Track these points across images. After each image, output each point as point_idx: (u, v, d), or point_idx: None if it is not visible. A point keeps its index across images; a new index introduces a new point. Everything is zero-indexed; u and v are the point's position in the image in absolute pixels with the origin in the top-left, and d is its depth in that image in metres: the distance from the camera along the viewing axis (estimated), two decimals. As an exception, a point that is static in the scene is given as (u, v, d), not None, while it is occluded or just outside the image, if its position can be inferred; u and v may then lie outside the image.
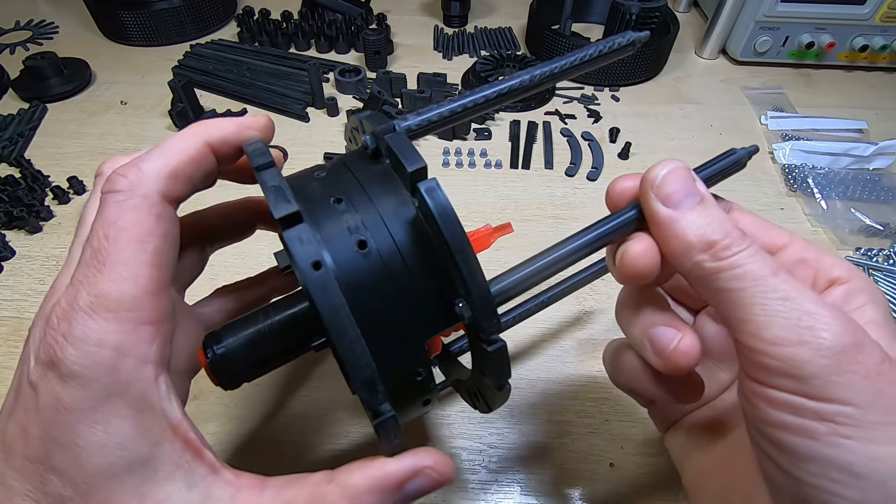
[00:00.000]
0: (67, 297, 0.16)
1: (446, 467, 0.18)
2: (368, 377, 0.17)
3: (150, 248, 0.17)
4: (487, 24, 0.74)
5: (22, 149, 0.53)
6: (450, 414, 0.35)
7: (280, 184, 0.17)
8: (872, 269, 0.43)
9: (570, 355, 0.38)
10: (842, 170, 0.52)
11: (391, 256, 0.19)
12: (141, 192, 0.17)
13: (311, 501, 0.17)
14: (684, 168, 0.18)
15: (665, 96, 0.63)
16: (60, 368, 0.15)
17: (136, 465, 0.16)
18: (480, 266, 0.18)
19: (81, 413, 0.15)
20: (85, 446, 0.15)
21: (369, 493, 0.17)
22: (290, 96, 0.60)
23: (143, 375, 0.16)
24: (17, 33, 0.71)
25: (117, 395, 0.15)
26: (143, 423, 0.16)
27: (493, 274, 0.20)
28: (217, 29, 0.72)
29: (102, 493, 0.15)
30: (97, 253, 0.16)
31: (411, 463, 0.18)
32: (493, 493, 0.31)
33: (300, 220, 0.16)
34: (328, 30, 0.68)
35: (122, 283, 0.16)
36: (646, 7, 0.59)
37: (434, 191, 0.17)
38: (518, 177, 0.52)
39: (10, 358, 0.36)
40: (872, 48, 0.63)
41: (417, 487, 0.18)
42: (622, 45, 0.24)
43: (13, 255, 0.43)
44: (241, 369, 0.20)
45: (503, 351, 0.19)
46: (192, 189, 0.19)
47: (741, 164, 0.23)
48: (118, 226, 0.16)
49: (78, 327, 0.15)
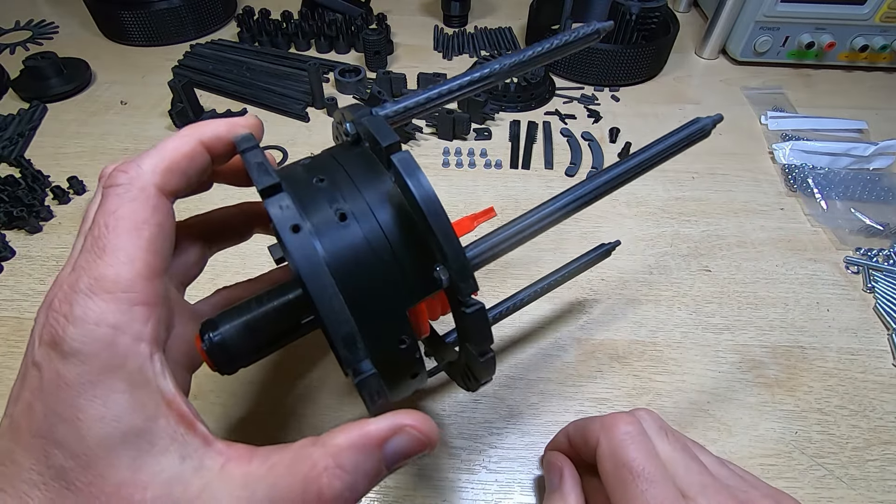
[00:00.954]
0: (69, 281, 0.17)
1: (428, 427, 0.18)
2: (347, 333, 0.17)
3: (146, 235, 0.18)
4: (487, 24, 0.74)
5: (22, 149, 0.53)
6: (450, 414, 0.35)
7: (263, 161, 0.18)
8: (872, 269, 0.43)
9: (570, 355, 0.38)
10: (842, 170, 0.52)
11: (371, 228, 0.20)
12: (138, 184, 0.18)
13: (295, 462, 0.17)
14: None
15: (665, 96, 0.63)
16: (62, 346, 0.16)
17: (132, 437, 0.16)
18: (455, 232, 0.19)
19: (81, 388, 0.16)
20: (85, 419, 0.16)
21: (350, 450, 0.17)
22: (290, 96, 0.60)
23: (139, 352, 0.17)
24: (17, 33, 0.71)
25: (114, 370, 0.16)
26: (139, 397, 0.17)
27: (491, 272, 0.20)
28: (217, 29, 0.72)
29: (101, 464, 0.16)
30: (97, 240, 0.18)
31: (391, 421, 0.18)
32: (493, 493, 0.31)
33: (281, 191, 0.18)
34: (328, 30, 0.68)
35: (120, 266, 0.17)
36: (646, 7, 0.59)
37: (407, 161, 0.18)
38: (518, 177, 0.52)
39: (11, 358, 0.36)
40: (872, 48, 0.63)
41: (399, 447, 0.18)
42: (587, 33, 0.26)
43: (13, 255, 0.43)
44: (236, 354, 0.20)
45: (482, 313, 0.20)
46: (188, 184, 0.20)
47: (706, 132, 0.27)
48: (117, 215, 0.18)
49: (78, 308, 0.17)
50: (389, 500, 0.31)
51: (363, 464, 0.17)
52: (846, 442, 0.34)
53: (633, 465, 0.23)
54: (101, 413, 0.16)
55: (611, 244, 0.33)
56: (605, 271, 0.43)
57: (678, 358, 0.38)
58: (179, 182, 0.20)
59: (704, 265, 0.44)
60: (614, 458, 0.24)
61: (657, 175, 0.52)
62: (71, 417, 0.16)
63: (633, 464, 0.23)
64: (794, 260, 0.45)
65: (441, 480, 0.32)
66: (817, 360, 0.38)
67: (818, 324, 0.40)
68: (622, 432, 0.24)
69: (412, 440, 0.18)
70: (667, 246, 0.45)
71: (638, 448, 0.24)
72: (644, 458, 0.23)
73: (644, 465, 0.23)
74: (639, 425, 0.25)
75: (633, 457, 0.23)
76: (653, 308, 0.41)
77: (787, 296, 0.42)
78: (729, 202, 0.50)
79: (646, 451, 0.24)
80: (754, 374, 0.37)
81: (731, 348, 0.38)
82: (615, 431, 0.24)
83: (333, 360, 0.37)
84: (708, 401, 0.35)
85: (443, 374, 0.36)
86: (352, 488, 0.17)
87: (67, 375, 0.16)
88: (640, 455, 0.23)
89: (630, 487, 0.23)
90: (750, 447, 0.33)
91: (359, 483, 0.17)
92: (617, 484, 0.23)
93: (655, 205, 0.49)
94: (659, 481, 0.22)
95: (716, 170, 0.53)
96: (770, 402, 0.36)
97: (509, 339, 0.38)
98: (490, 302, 0.27)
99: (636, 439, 0.24)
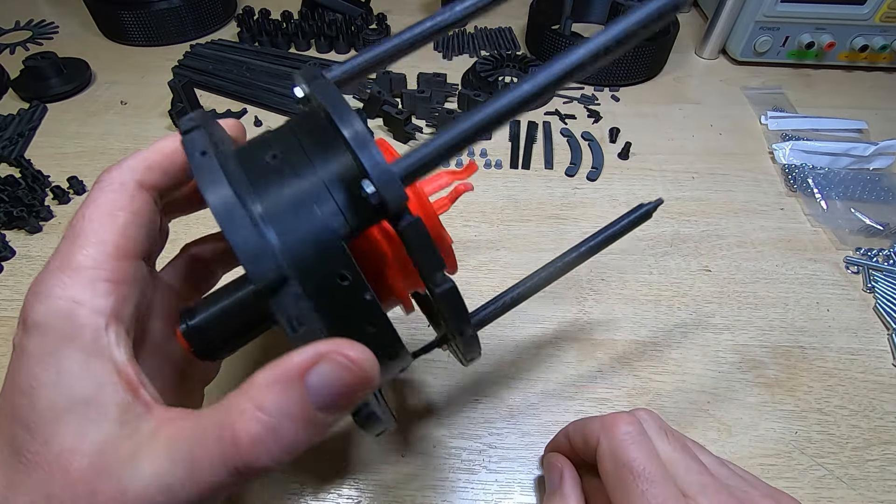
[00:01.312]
0: (45, 266, 0.19)
1: (359, 354, 0.16)
2: (250, 241, 0.16)
3: (120, 221, 0.19)
4: (487, 24, 0.74)
5: (22, 149, 0.53)
6: (450, 414, 0.35)
7: (193, 115, 0.19)
8: (872, 269, 0.43)
9: (570, 355, 0.38)
10: (842, 170, 0.52)
11: (297, 156, 0.19)
12: (119, 180, 0.20)
13: (217, 412, 0.16)
14: None
15: (665, 96, 0.63)
16: (27, 321, 0.18)
17: (80, 404, 0.17)
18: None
19: (39, 358, 0.17)
20: (38, 387, 0.17)
21: (269, 388, 0.15)
22: (290, 96, 0.60)
23: (96, 324, 0.18)
24: (17, 33, 0.71)
25: (71, 340, 0.17)
26: (91, 365, 0.17)
27: (489, 278, 0.20)
28: (217, 29, 0.72)
29: (47, 431, 0.16)
30: (74, 227, 0.19)
31: (313, 349, 0.15)
32: (493, 493, 0.31)
33: (199, 128, 0.19)
34: (328, 30, 0.68)
35: (90, 247, 0.18)
36: (646, 7, 0.59)
37: (318, 78, 0.19)
38: (518, 177, 0.52)
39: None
40: (872, 48, 0.63)
41: (324, 378, 0.15)
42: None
43: (13, 255, 0.43)
44: (214, 339, 0.20)
45: (453, 293, 0.19)
46: (169, 180, 0.21)
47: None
48: (96, 204, 0.19)
49: (44, 285, 0.18)
50: (389, 500, 0.31)
51: (285, 403, 0.15)
52: (846, 442, 0.34)
53: (633, 465, 0.23)
54: (54, 380, 0.17)
55: (652, 204, 0.28)
56: (605, 271, 0.43)
57: (678, 358, 0.38)
58: (160, 178, 0.21)
59: (704, 265, 0.44)
60: (614, 458, 0.24)
61: (657, 175, 0.52)
62: (27, 387, 0.17)
63: (634, 464, 0.23)
64: (794, 260, 0.45)
65: (441, 480, 0.32)
66: (817, 360, 0.38)
67: (818, 324, 0.40)
68: (622, 432, 0.24)
69: (339, 368, 0.15)
70: (667, 246, 0.45)
71: (638, 448, 0.24)
72: (644, 459, 0.23)
73: (644, 465, 0.23)
74: (639, 425, 0.25)
75: (633, 457, 0.23)
76: (653, 308, 0.41)
77: (787, 296, 0.42)
78: (729, 202, 0.50)
79: (646, 452, 0.24)
80: (754, 374, 0.37)
81: (731, 348, 0.38)
82: (615, 431, 0.24)
83: None
84: (708, 401, 0.35)
85: (443, 377, 0.36)
86: (274, 432, 0.15)
87: (28, 346, 0.17)
88: (640, 455, 0.23)
89: (630, 487, 0.23)
90: (750, 447, 0.33)
91: (283, 426, 0.15)
92: (617, 484, 0.23)
93: (655, 205, 0.49)
94: (659, 481, 0.23)
95: (716, 170, 0.53)
96: (770, 402, 0.36)
97: (509, 339, 0.38)
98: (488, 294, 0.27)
99: (636, 439, 0.24)
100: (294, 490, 0.31)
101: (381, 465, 0.32)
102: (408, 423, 0.34)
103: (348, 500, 0.31)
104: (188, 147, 0.18)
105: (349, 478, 0.32)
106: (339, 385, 0.15)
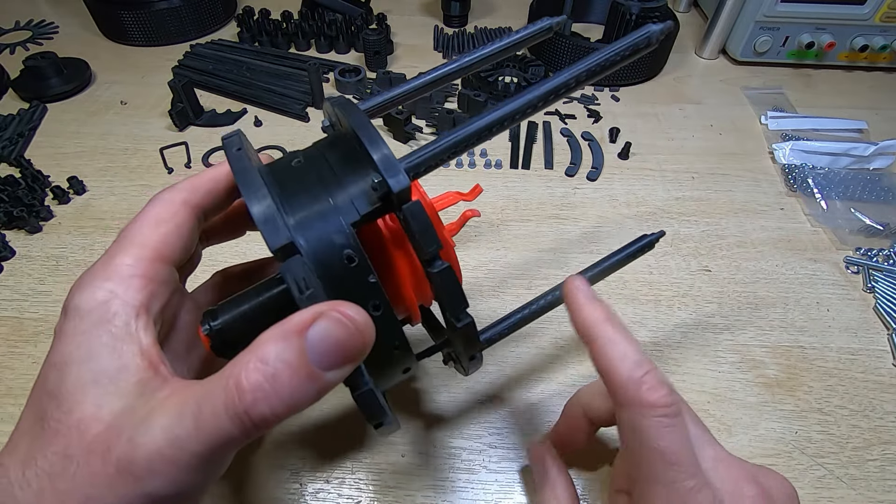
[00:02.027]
0: (92, 265, 0.21)
1: (356, 313, 0.17)
2: (266, 205, 0.19)
3: (163, 230, 0.22)
4: (487, 24, 0.74)
5: (22, 149, 0.53)
6: (450, 414, 0.35)
7: (235, 132, 0.23)
8: (872, 269, 0.43)
9: (570, 355, 0.38)
10: (842, 170, 0.52)
11: (317, 159, 0.23)
12: (168, 197, 0.23)
13: (227, 369, 0.17)
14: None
15: (665, 96, 0.63)
16: (68, 308, 0.20)
17: (104, 379, 0.18)
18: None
19: (73, 337, 0.19)
20: (69, 363, 0.18)
21: (270, 342, 0.17)
22: (290, 96, 0.60)
23: (127, 312, 0.20)
24: (17, 33, 0.71)
25: (103, 324, 0.19)
26: (119, 346, 0.19)
27: (487, 271, 0.20)
28: (217, 29, 0.72)
29: (70, 400, 0.18)
30: (122, 232, 0.22)
31: (313, 309, 0.17)
32: (493, 493, 0.31)
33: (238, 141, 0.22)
34: (328, 30, 0.68)
35: (132, 248, 0.21)
36: (646, 7, 0.59)
37: (341, 99, 0.23)
38: (518, 177, 0.52)
39: (11, 358, 0.36)
40: (872, 48, 0.63)
41: (322, 332, 0.16)
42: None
43: (13, 255, 0.43)
44: (233, 340, 0.22)
45: (449, 273, 0.21)
46: (212, 199, 0.24)
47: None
48: (145, 214, 0.22)
49: (87, 277, 0.20)
50: (389, 500, 0.31)
51: (283, 353, 0.16)
52: (846, 442, 0.34)
53: (666, 452, 0.22)
54: (83, 356, 0.18)
55: (654, 235, 0.30)
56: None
57: (678, 358, 0.38)
58: (203, 198, 0.23)
59: (704, 265, 0.44)
60: (643, 438, 0.22)
61: (657, 175, 0.52)
62: (59, 363, 0.19)
63: (668, 451, 0.22)
64: (794, 260, 0.45)
65: (441, 480, 0.32)
66: (817, 360, 0.38)
67: (818, 324, 0.40)
68: (658, 413, 0.22)
69: (335, 323, 0.17)
70: (667, 246, 0.45)
71: (673, 434, 0.22)
72: (679, 447, 0.22)
73: (679, 454, 0.22)
74: (677, 406, 0.22)
75: (667, 444, 0.22)
76: (653, 308, 0.41)
77: (787, 296, 0.42)
78: (729, 202, 0.50)
79: (682, 440, 0.22)
80: (754, 374, 0.37)
81: (731, 348, 0.38)
82: (649, 411, 0.22)
83: None
84: (708, 401, 0.35)
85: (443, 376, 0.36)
86: (273, 380, 0.16)
87: (65, 328, 0.19)
88: (675, 443, 0.22)
89: (658, 470, 0.22)
90: (750, 447, 0.33)
91: (281, 374, 0.16)
92: (642, 461, 0.22)
93: (655, 205, 0.49)
94: (693, 474, 0.22)
95: (716, 170, 0.53)
96: (770, 402, 0.36)
97: (510, 339, 0.38)
98: (497, 312, 0.27)
99: (672, 423, 0.22)
100: (294, 490, 0.31)
101: (381, 465, 0.32)
102: (408, 423, 0.34)
103: (348, 500, 0.31)
104: (227, 144, 0.22)
105: (349, 478, 0.32)
106: (335, 340, 0.17)
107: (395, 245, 0.24)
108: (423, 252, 0.21)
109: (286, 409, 0.16)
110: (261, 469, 0.32)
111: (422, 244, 0.20)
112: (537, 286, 0.42)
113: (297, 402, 0.16)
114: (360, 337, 0.17)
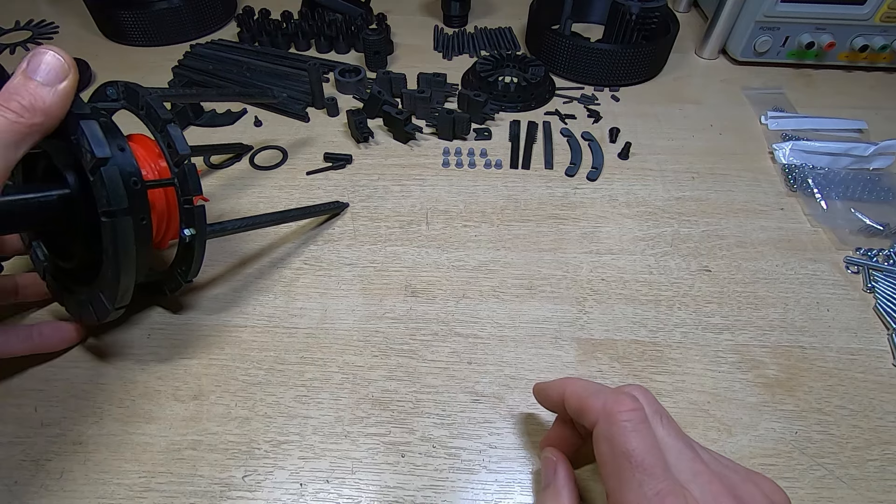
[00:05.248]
0: None
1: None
2: None
3: None
4: (487, 24, 0.74)
5: (22, 149, 0.53)
6: (450, 414, 0.35)
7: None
8: (872, 269, 0.43)
9: (570, 355, 0.38)
10: (842, 170, 0.52)
11: None
12: None
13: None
14: None
15: (665, 96, 0.63)
16: None
17: None
18: None
19: None
20: None
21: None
22: (290, 96, 0.60)
23: None
24: (17, 33, 0.71)
25: None
26: None
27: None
28: (217, 29, 0.72)
29: None
30: None
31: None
32: (493, 493, 0.31)
33: None
34: (328, 30, 0.68)
35: None
36: (646, 7, 0.59)
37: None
38: (518, 177, 0.52)
39: (10, 358, 0.36)
40: (872, 48, 0.63)
41: (39, 58, 0.26)
42: None
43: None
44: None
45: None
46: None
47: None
48: None
49: None
50: (389, 500, 0.31)
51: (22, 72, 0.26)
52: (846, 442, 0.34)
53: (633, 454, 0.23)
54: None
55: (344, 204, 0.43)
56: (605, 271, 0.43)
57: (678, 358, 0.38)
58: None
59: (704, 265, 0.44)
60: (612, 444, 0.23)
61: (657, 175, 0.52)
62: None
63: (634, 454, 0.23)
64: (794, 260, 0.45)
65: (441, 480, 0.32)
66: (817, 360, 0.38)
67: (818, 324, 0.40)
68: (624, 419, 0.24)
69: (50, 56, 0.26)
70: (667, 246, 0.45)
71: (639, 437, 0.23)
72: (645, 449, 0.23)
73: (644, 456, 0.23)
74: (642, 412, 0.24)
75: (633, 446, 0.23)
76: (653, 308, 0.41)
77: (787, 296, 0.42)
78: (729, 202, 0.50)
79: (647, 442, 0.23)
80: (754, 374, 0.37)
81: (731, 348, 0.38)
82: (616, 417, 0.24)
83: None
84: (708, 401, 0.35)
85: (444, 377, 0.36)
86: (24, 87, 0.25)
87: None
88: (640, 445, 0.23)
89: (627, 477, 0.22)
90: (750, 447, 0.33)
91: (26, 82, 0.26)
92: (613, 470, 0.23)
93: (655, 205, 0.49)
94: (659, 475, 0.22)
95: (716, 170, 0.53)
96: (770, 402, 0.36)
97: (509, 338, 0.38)
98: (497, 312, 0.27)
99: (638, 427, 0.23)
100: (294, 490, 0.31)
101: (381, 465, 0.32)
102: (408, 423, 0.34)
103: (348, 500, 0.31)
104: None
105: (349, 478, 0.32)
106: (48, 61, 0.26)
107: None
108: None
109: (28, 114, 0.25)
110: (261, 469, 0.32)
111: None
112: (537, 286, 0.42)
113: (35, 106, 0.25)
114: (66, 63, 0.27)
